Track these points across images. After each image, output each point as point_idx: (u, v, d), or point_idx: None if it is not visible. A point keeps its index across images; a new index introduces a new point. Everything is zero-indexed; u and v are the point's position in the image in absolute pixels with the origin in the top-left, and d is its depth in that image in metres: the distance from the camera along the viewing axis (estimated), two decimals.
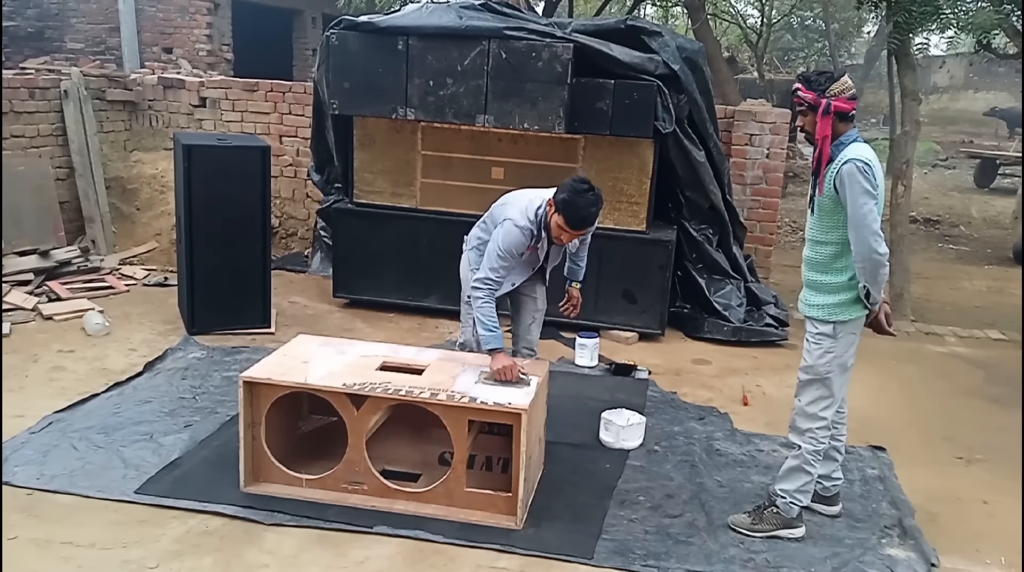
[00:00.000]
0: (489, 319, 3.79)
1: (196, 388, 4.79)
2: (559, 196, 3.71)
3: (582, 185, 3.72)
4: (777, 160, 6.91)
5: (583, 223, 3.75)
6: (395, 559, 3.27)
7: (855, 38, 26.65)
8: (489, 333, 3.76)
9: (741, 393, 5.16)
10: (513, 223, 3.79)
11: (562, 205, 3.69)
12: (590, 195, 3.70)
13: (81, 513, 3.46)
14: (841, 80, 3.27)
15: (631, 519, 3.62)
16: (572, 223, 3.71)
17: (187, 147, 5.46)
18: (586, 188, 3.71)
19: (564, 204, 3.68)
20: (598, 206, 3.76)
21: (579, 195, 3.67)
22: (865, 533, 3.61)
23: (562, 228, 3.74)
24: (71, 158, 7.44)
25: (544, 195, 3.90)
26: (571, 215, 3.69)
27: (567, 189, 3.71)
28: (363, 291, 6.42)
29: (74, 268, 6.86)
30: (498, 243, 3.78)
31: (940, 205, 13.72)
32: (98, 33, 12.11)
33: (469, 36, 5.63)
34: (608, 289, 6.08)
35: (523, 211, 3.83)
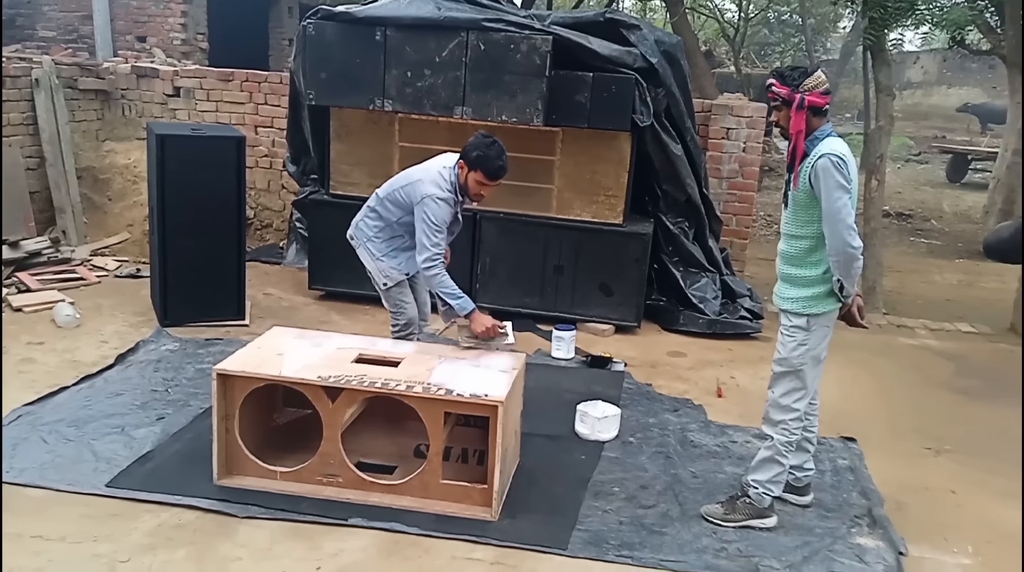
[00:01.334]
0: (452, 289, 4.00)
1: (169, 380, 4.75)
2: (471, 155, 3.93)
3: (487, 138, 3.98)
4: (753, 154, 6.96)
5: (501, 172, 3.97)
6: (370, 551, 3.26)
7: (831, 33, 26.85)
8: (460, 300, 3.97)
9: (715, 385, 5.20)
10: (435, 197, 3.96)
11: (477, 162, 3.92)
12: (497, 146, 3.95)
13: (51, 507, 3.42)
14: (815, 75, 3.29)
15: (606, 510, 3.64)
16: (491, 174, 3.95)
17: (160, 137, 5.40)
18: (491, 141, 3.96)
19: (479, 160, 3.92)
20: (506, 154, 3.99)
21: (490, 148, 3.92)
22: (835, 523, 3.65)
23: (482, 183, 3.97)
24: (42, 147, 7.34)
25: (445, 162, 4.11)
26: (488, 167, 3.93)
27: (476, 147, 3.93)
28: (339, 283, 6.39)
29: (44, 259, 6.77)
30: (429, 220, 3.94)
31: (912, 199, 13.88)
32: (70, 21, 11.92)
33: (447, 27, 5.61)
34: (585, 282, 6.10)
35: (436, 182, 4.00)
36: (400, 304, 4.39)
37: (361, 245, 4.33)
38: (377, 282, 4.35)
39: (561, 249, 6.08)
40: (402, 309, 4.40)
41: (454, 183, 4.03)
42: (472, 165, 3.94)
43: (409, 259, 4.25)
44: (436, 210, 3.95)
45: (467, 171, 3.97)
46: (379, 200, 4.25)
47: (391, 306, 4.43)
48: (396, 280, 4.31)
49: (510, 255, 6.15)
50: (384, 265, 4.27)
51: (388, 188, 4.24)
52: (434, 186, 3.99)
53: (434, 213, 3.94)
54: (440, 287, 4.00)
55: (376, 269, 4.31)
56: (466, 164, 3.96)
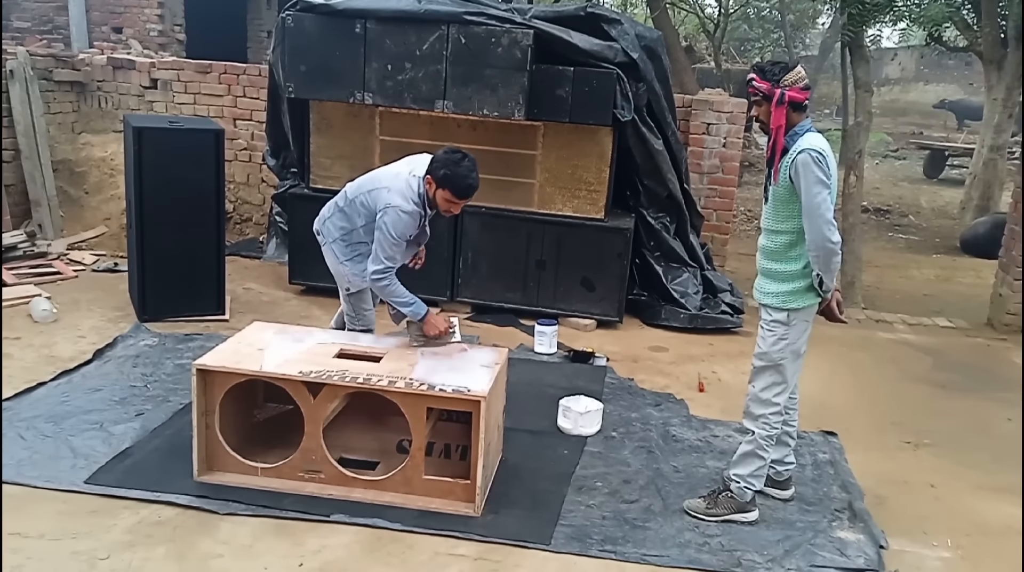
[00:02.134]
0: (403, 297, 3.91)
1: (148, 376, 4.70)
2: (439, 173, 3.77)
3: (456, 155, 3.81)
4: (734, 149, 6.98)
5: (470, 190, 3.82)
6: (352, 547, 3.25)
7: (810, 29, 26.98)
8: (412, 305, 3.90)
9: (697, 380, 5.22)
10: (399, 210, 3.81)
11: (445, 180, 3.76)
12: (467, 162, 3.79)
13: (29, 504, 3.38)
14: (795, 70, 3.30)
15: (589, 505, 3.65)
16: (460, 193, 3.80)
17: (137, 130, 5.34)
18: (460, 157, 3.80)
19: (447, 179, 3.76)
20: (476, 170, 3.82)
21: (458, 166, 3.76)
22: (816, 516, 3.68)
23: (451, 201, 3.83)
24: (17, 140, 7.23)
25: (414, 170, 3.92)
26: (457, 186, 3.77)
27: (444, 163, 3.77)
28: (320, 278, 6.31)
29: (20, 253, 6.68)
30: (389, 231, 3.81)
31: (891, 195, 14.01)
32: (45, 12, 11.76)
33: (428, 20, 5.58)
34: (566, 277, 6.10)
35: (404, 194, 3.84)
36: (360, 311, 4.29)
37: (327, 244, 4.20)
38: (340, 285, 4.26)
39: (543, 244, 6.08)
40: (361, 315, 4.31)
41: (422, 195, 3.87)
42: (440, 183, 3.78)
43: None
44: (398, 222, 3.80)
45: (435, 188, 3.80)
46: (347, 200, 4.12)
47: (349, 310, 4.32)
48: (359, 287, 4.19)
49: (492, 250, 6.14)
50: (347, 270, 4.14)
51: (356, 190, 4.09)
52: (400, 197, 3.82)
53: (395, 225, 3.80)
54: (392, 297, 3.90)
55: (340, 273, 4.19)
56: (434, 181, 3.80)
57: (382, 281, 3.88)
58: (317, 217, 4.28)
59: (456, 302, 6.27)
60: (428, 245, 6.06)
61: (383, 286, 3.89)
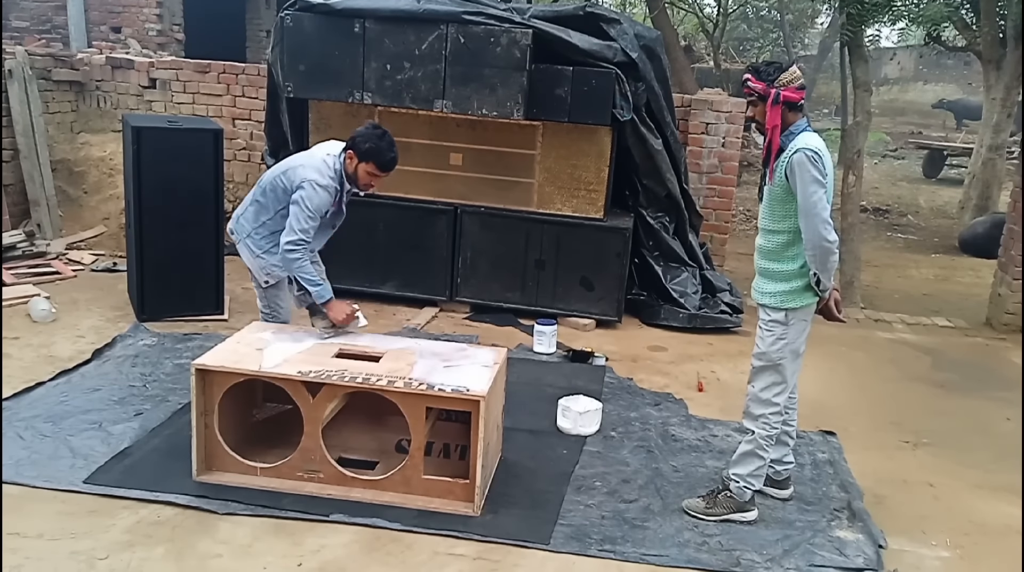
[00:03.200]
0: (312, 275, 3.92)
1: (147, 376, 4.70)
2: (362, 146, 3.87)
3: (378, 130, 3.92)
4: (732, 149, 6.98)
5: (393, 163, 3.93)
6: (352, 547, 3.25)
7: (809, 29, 26.98)
8: (319, 287, 3.93)
9: (696, 379, 5.22)
10: (315, 182, 3.86)
11: (369, 153, 3.86)
12: (388, 137, 3.91)
13: (28, 504, 3.38)
14: (790, 70, 3.30)
15: (588, 504, 3.64)
16: (384, 166, 3.91)
17: (136, 129, 5.34)
18: (382, 132, 3.91)
19: (371, 152, 3.86)
20: (396, 146, 3.94)
21: (381, 139, 3.87)
22: (815, 516, 3.68)
23: (373, 174, 3.92)
24: (15, 139, 7.23)
25: (329, 150, 4.02)
26: (381, 159, 3.88)
27: (367, 138, 3.87)
28: None
29: (19, 253, 6.68)
30: (305, 204, 3.84)
31: (889, 195, 14.01)
32: (44, 11, 11.74)
33: (427, 20, 5.58)
34: (566, 276, 6.10)
35: (320, 170, 3.90)
36: (276, 306, 4.23)
37: (241, 241, 4.12)
38: (258, 280, 4.18)
39: (542, 243, 6.08)
40: (276, 311, 4.24)
41: (338, 171, 3.95)
42: (363, 156, 3.87)
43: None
44: (314, 196, 3.85)
45: (357, 161, 3.89)
46: (260, 189, 4.10)
47: (264, 306, 4.25)
48: (278, 277, 4.13)
49: (491, 249, 6.14)
50: (265, 262, 4.07)
51: (270, 176, 4.09)
52: (316, 172, 3.89)
53: (311, 198, 3.84)
54: (300, 272, 3.89)
55: (257, 267, 4.12)
56: (356, 155, 3.89)
57: (294, 253, 3.85)
58: (231, 219, 4.23)
59: (455, 302, 6.27)
60: (427, 245, 6.12)
61: (294, 259, 3.86)
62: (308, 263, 3.92)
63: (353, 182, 3.98)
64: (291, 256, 3.86)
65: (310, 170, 3.90)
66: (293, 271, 3.93)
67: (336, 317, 3.93)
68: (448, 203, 6.10)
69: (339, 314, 3.93)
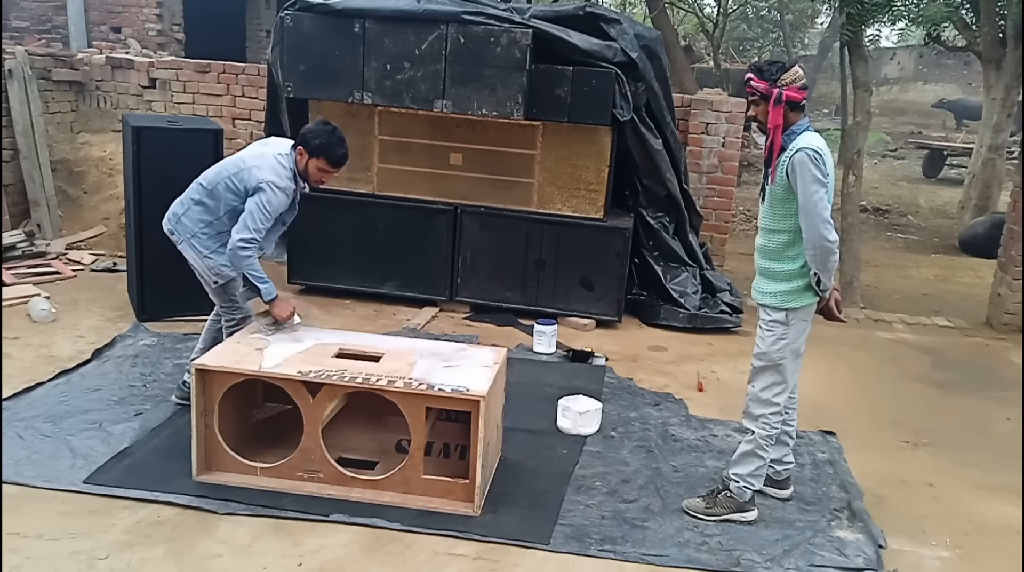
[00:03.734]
0: (261, 273, 3.93)
1: (146, 376, 4.70)
2: (313, 143, 3.90)
3: (328, 127, 3.96)
4: (732, 149, 6.98)
5: (344, 159, 3.97)
6: (352, 547, 3.25)
7: (808, 29, 26.98)
8: (267, 285, 3.94)
9: (696, 379, 5.22)
10: (274, 185, 3.86)
11: (320, 149, 3.90)
12: (338, 133, 3.95)
13: (28, 503, 3.38)
14: (792, 70, 3.30)
15: (588, 504, 3.64)
16: (335, 161, 3.94)
17: (136, 129, 5.34)
18: (332, 128, 3.96)
19: (322, 148, 3.90)
20: (345, 140, 3.97)
21: (331, 136, 3.91)
22: (815, 516, 3.68)
23: (325, 170, 3.95)
24: (15, 139, 7.23)
25: (278, 148, 4.01)
26: (332, 155, 3.92)
27: (318, 134, 3.91)
28: (319, 278, 6.36)
29: (19, 253, 6.68)
30: (264, 206, 3.84)
31: (889, 194, 14.01)
32: (44, 11, 11.74)
33: (427, 20, 5.58)
34: (566, 276, 6.10)
35: (276, 171, 3.90)
36: (232, 299, 4.18)
37: (184, 241, 4.08)
38: (207, 280, 4.12)
39: (542, 243, 6.08)
40: (235, 303, 4.20)
41: (293, 170, 3.95)
42: (314, 152, 3.90)
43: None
44: (273, 198, 3.85)
45: (307, 158, 3.92)
46: (205, 191, 4.04)
47: (223, 302, 4.20)
48: (228, 277, 4.08)
49: (491, 249, 6.14)
50: (213, 262, 4.03)
51: (215, 177, 4.03)
52: (273, 174, 3.87)
53: (270, 201, 3.85)
54: (250, 269, 3.90)
55: (205, 267, 4.06)
56: (306, 151, 3.91)
57: (245, 250, 3.85)
58: (166, 217, 4.16)
59: (455, 302, 6.27)
60: (427, 245, 6.12)
61: (245, 257, 3.86)
62: (257, 261, 3.93)
63: (304, 178, 4.00)
64: (242, 253, 3.85)
65: (267, 171, 3.88)
66: (244, 268, 3.92)
67: (280, 314, 3.96)
68: (448, 203, 6.10)
69: (283, 311, 3.96)
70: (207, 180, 4.07)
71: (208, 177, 4.08)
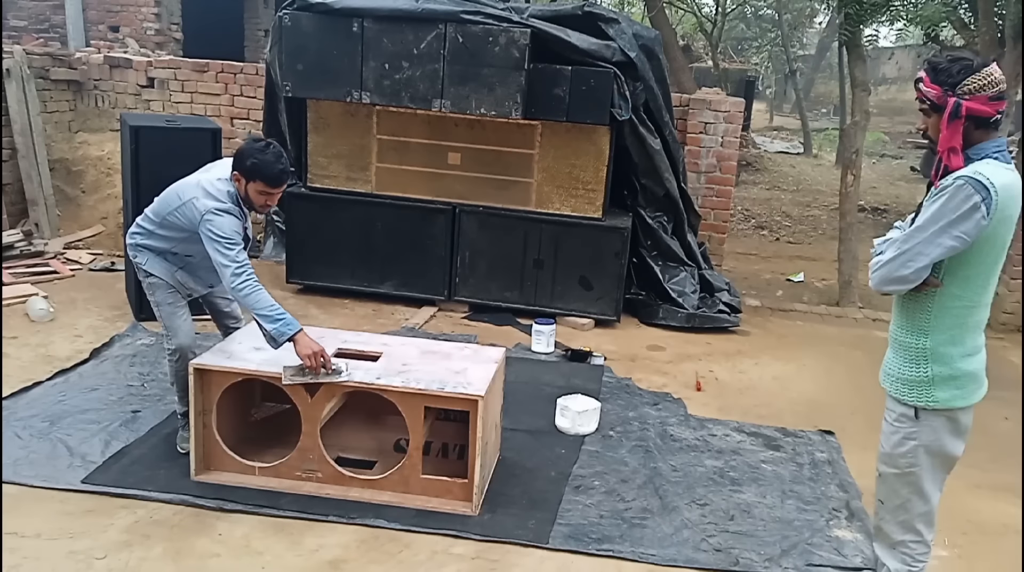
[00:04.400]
0: (269, 304, 3.42)
1: (144, 375, 4.69)
2: (245, 164, 3.48)
3: (259, 143, 3.55)
4: (731, 148, 6.98)
5: (283, 176, 3.54)
6: (350, 547, 3.25)
7: (807, 29, 26.99)
8: (281, 321, 3.40)
9: (695, 379, 5.22)
10: (214, 210, 3.47)
11: (254, 170, 3.48)
12: (272, 149, 3.52)
13: (26, 503, 3.37)
14: (982, 72, 2.36)
15: (586, 504, 3.64)
16: (272, 181, 3.51)
17: (134, 129, 5.33)
18: (264, 145, 3.54)
19: (256, 168, 3.47)
20: (284, 156, 3.56)
21: (263, 153, 3.48)
22: (814, 515, 3.68)
23: (264, 192, 3.54)
24: (13, 139, 7.21)
25: (217, 173, 3.63)
26: (268, 174, 3.48)
27: (249, 154, 3.49)
28: (317, 277, 6.36)
29: (17, 252, 6.67)
30: (216, 235, 3.44)
31: (887, 194, 14.02)
32: (42, 10, 11.73)
33: (425, 19, 5.58)
34: (564, 276, 6.10)
35: (212, 196, 3.51)
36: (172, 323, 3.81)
37: (151, 259, 3.77)
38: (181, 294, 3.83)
39: (540, 243, 6.08)
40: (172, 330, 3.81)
41: (232, 194, 3.55)
42: (249, 175, 3.48)
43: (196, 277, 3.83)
44: (221, 222, 3.45)
45: (245, 182, 3.51)
46: (157, 223, 3.71)
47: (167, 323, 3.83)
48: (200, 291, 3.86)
49: (489, 249, 6.14)
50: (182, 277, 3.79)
51: (161, 210, 3.68)
52: (211, 199, 3.49)
53: (219, 227, 3.44)
54: (256, 306, 3.41)
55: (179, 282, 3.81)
56: (242, 175, 3.50)
57: (243, 288, 3.42)
58: (128, 241, 3.86)
59: (454, 301, 6.27)
60: (425, 245, 6.12)
61: (246, 295, 3.42)
62: (262, 293, 3.45)
63: (249, 205, 3.61)
64: (242, 292, 3.43)
65: (205, 200, 3.50)
66: (248, 306, 3.47)
67: (302, 351, 3.37)
68: (446, 202, 6.10)
69: (305, 349, 3.36)
70: (154, 212, 3.75)
71: (154, 210, 3.76)
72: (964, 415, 2.57)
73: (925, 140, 2.59)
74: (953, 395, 2.51)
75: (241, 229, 3.56)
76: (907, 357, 2.56)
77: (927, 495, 2.63)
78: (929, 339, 2.51)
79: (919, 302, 2.51)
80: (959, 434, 2.59)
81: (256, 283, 3.45)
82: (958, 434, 2.59)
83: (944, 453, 2.59)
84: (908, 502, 2.65)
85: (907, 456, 2.59)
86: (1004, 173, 2.35)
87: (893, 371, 2.61)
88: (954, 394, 2.51)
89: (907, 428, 2.58)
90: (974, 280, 2.46)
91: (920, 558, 2.69)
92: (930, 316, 2.49)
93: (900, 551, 2.70)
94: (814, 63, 23.39)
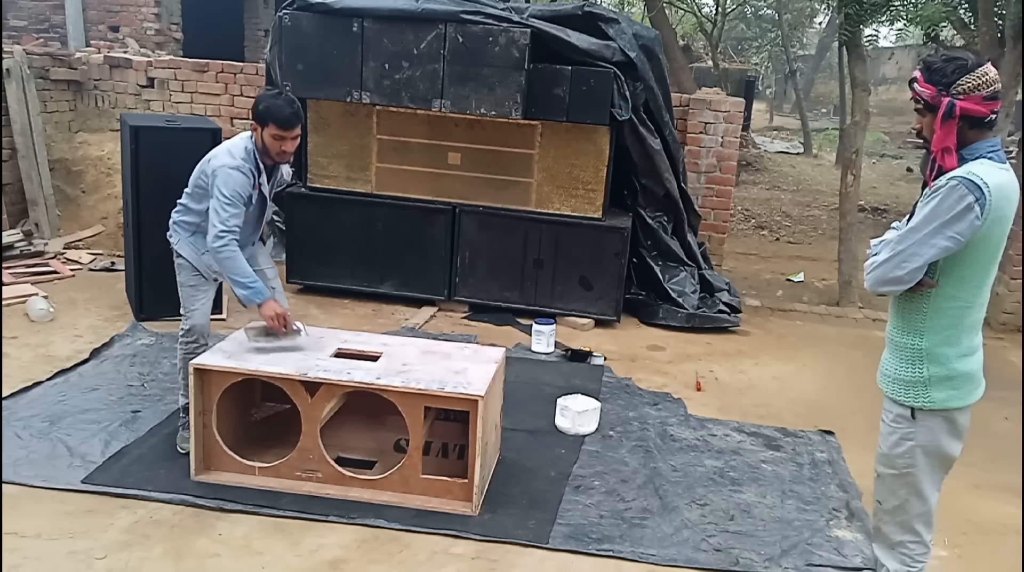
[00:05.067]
0: (243, 272, 3.60)
1: (144, 375, 4.70)
2: (258, 109, 3.64)
3: (271, 91, 3.75)
4: (731, 148, 6.99)
5: (295, 118, 3.65)
6: (350, 547, 3.25)
7: (807, 29, 27.00)
8: (250, 288, 3.60)
9: (694, 379, 5.22)
10: (225, 166, 3.62)
11: (266, 114, 3.61)
12: (284, 96, 3.69)
13: (26, 503, 3.37)
14: (977, 72, 2.37)
15: (586, 504, 3.65)
16: (284, 123, 3.62)
17: (134, 129, 5.33)
18: (276, 92, 3.75)
19: (267, 112, 3.61)
20: (296, 102, 3.70)
21: (275, 99, 3.64)
22: (814, 515, 3.69)
23: (278, 136, 3.64)
24: (13, 139, 7.21)
25: (238, 140, 3.76)
26: (279, 116, 3.60)
27: (261, 100, 3.65)
28: (317, 277, 6.36)
29: (17, 252, 6.67)
30: (220, 192, 3.59)
31: (887, 194, 14.03)
32: (42, 10, 11.73)
33: (425, 19, 5.58)
34: (564, 276, 6.10)
35: (229, 153, 3.68)
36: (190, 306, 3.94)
37: (182, 241, 3.92)
38: (209, 277, 3.94)
39: (540, 243, 6.08)
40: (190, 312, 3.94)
41: (250, 150, 3.69)
42: (262, 119, 3.62)
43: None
44: (227, 179, 3.59)
45: (260, 130, 3.65)
46: (188, 196, 3.89)
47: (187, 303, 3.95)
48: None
49: (489, 249, 6.14)
50: (209, 258, 3.82)
51: (194, 178, 3.86)
52: (226, 156, 3.66)
53: (224, 183, 3.58)
54: (232, 272, 3.59)
55: (203, 265, 3.89)
56: (257, 122, 3.65)
57: (223, 250, 3.57)
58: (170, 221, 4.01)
59: (454, 301, 6.27)
60: (425, 245, 6.12)
61: (224, 257, 3.58)
62: (241, 260, 3.62)
63: (267, 155, 3.72)
64: (220, 254, 3.60)
65: (220, 156, 3.68)
66: (224, 269, 3.65)
67: (266, 313, 3.61)
68: (446, 202, 6.10)
69: (269, 310, 3.60)
70: (190, 182, 3.92)
71: (191, 179, 3.92)
72: (961, 415, 2.57)
73: (920, 140, 2.57)
74: (949, 395, 2.51)
75: (248, 187, 3.68)
76: (903, 358, 2.56)
77: (925, 496, 2.63)
78: (925, 340, 2.51)
79: (915, 303, 2.51)
80: (956, 434, 2.59)
81: (236, 249, 3.60)
82: (955, 434, 2.59)
83: (941, 453, 2.59)
84: (906, 503, 2.64)
85: (904, 457, 2.60)
86: (998, 173, 2.35)
87: (889, 372, 2.62)
88: (950, 394, 2.51)
89: (904, 429, 2.58)
90: (969, 280, 2.45)
91: (919, 558, 2.69)
92: (925, 317, 2.50)
93: (899, 552, 2.69)
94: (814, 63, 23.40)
